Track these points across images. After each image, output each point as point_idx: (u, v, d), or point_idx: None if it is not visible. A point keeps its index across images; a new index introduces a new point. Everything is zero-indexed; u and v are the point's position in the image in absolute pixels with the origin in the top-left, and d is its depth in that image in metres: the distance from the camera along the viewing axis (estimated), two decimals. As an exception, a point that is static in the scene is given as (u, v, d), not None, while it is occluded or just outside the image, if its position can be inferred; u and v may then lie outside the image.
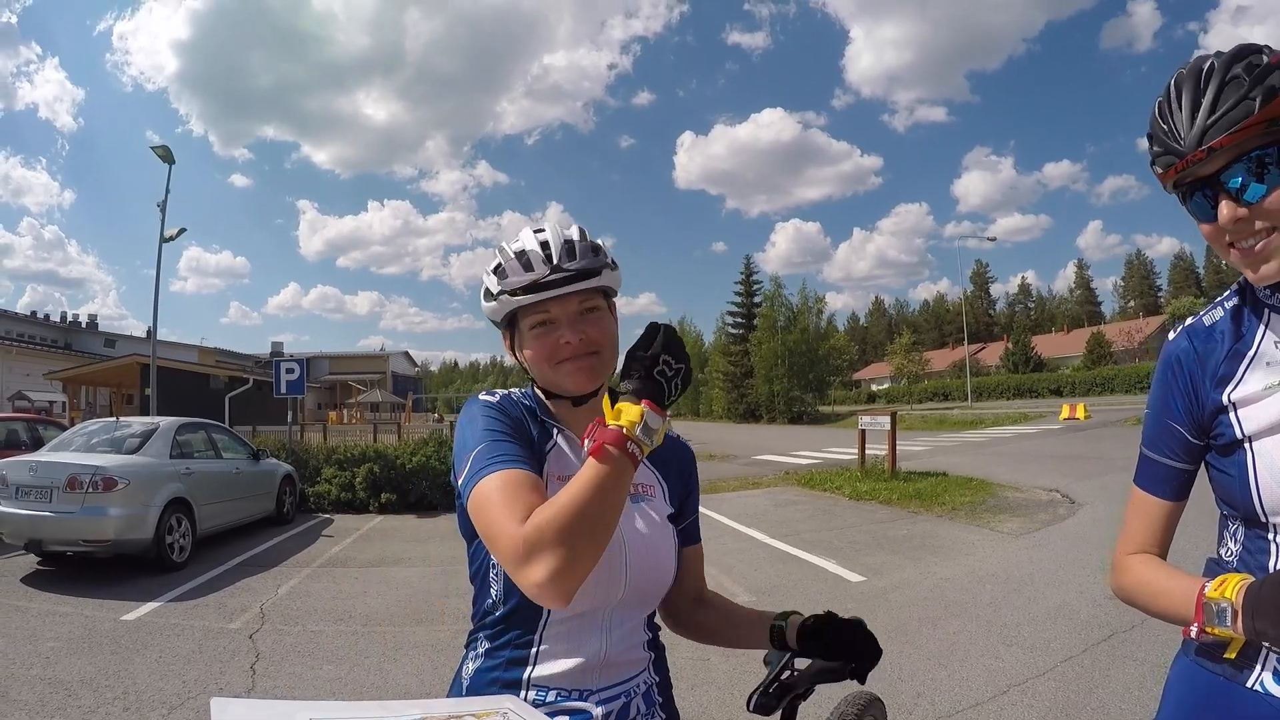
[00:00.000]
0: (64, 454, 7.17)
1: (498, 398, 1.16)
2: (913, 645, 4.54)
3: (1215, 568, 1.09)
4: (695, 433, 29.51)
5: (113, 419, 8.63)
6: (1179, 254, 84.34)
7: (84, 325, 49.81)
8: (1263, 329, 1.04)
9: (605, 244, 1.19)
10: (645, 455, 0.99)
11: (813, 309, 51.18)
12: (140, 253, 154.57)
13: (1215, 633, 0.96)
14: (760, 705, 1.27)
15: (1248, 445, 1.00)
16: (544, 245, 1.12)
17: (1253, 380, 1.01)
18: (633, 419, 0.97)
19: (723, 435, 30.27)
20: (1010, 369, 63.36)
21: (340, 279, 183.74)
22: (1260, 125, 0.92)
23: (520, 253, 1.13)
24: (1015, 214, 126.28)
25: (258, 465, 9.47)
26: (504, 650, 1.13)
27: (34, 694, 3.90)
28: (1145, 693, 3.54)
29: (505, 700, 1.02)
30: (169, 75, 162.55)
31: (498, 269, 1.15)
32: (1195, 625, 0.98)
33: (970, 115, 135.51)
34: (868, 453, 13.11)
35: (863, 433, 13.29)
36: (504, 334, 1.21)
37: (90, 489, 6.52)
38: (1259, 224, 0.95)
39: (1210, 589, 0.97)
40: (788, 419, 45.83)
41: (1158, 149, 1.01)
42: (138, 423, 8.17)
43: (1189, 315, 1.17)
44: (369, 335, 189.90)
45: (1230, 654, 0.98)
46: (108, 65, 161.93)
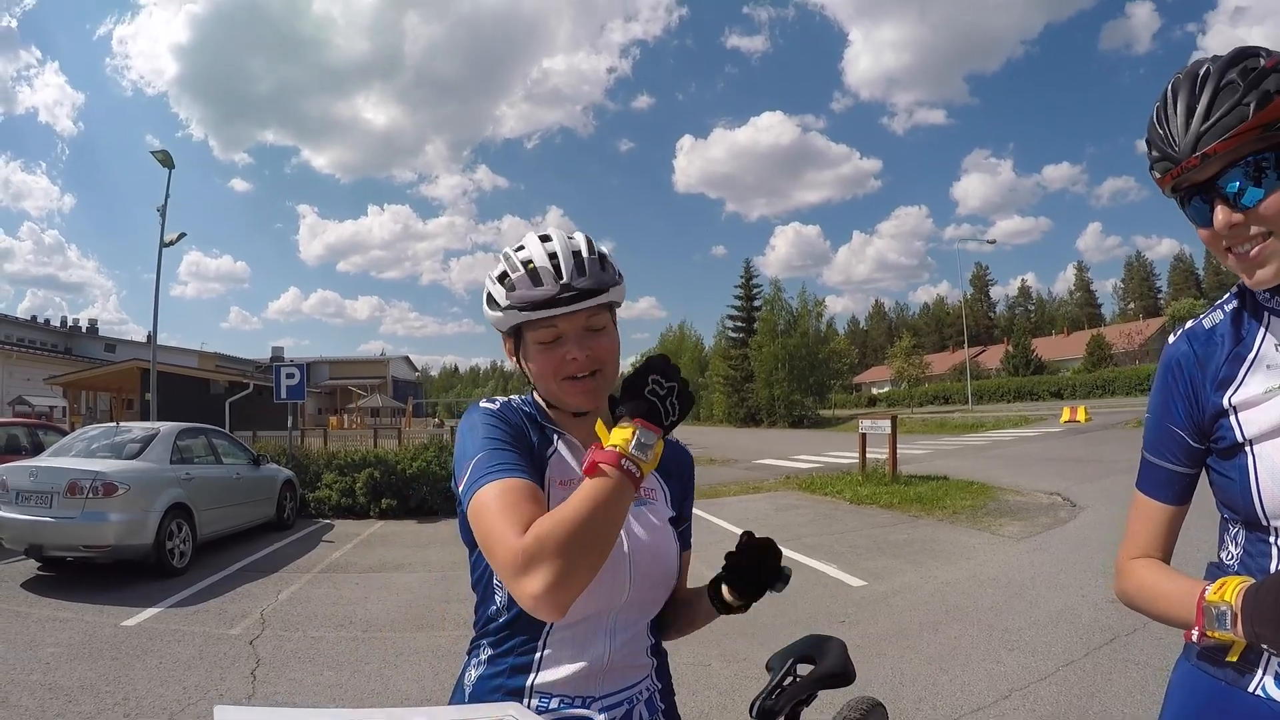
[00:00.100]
0: (64, 459, 7.15)
1: (498, 405, 1.16)
2: (914, 650, 4.53)
3: (1216, 571, 1.09)
4: (696, 437, 29.52)
5: (113, 424, 8.63)
6: (1179, 256, 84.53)
7: (84, 330, 49.87)
8: (1263, 332, 1.04)
9: (606, 248, 1.18)
10: (645, 471, 1.00)
11: (812, 312, 51.23)
12: (140, 257, 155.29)
13: (1215, 636, 0.95)
14: (763, 711, 1.26)
15: (1248, 448, 1.00)
16: (552, 257, 1.11)
17: (1253, 383, 1.01)
18: (625, 437, 0.99)
19: (723, 439, 30.27)
20: (1010, 372, 63.33)
21: (340, 283, 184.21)
22: (1255, 131, 0.92)
23: (528, 264, 1.11)
24: (1015, 216, 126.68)
25: (258, 470, 9.46)
26: (507, 657, 1.13)
27: (34, 700, 3.90)
28: (1147, 697, 3.53)
29: (509, 708, 1.02)
30: (169, 79, 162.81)
31: (503, 278, 1.13)
32: (1196, 629, 0.98)
33: (969, 118, 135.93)
34: (868, 456, 13.10)
35: (863, 436, 13.28)
36: (505, 339, 1.20)
37: (90, 494, 6.52)
38: (1254, 229, 0.96)
39: (1210, 592, 0.97)
40: (788, 423, 45.79)
41: (1155, 155, 1.01)
42: (138, 428, 8.18)
43: (1189, 317, 1.17)
44: (369, 340, 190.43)
45: (1232, 657, 0.98)
46: (108, 69, 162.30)
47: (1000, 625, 4.92)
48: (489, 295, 1.16)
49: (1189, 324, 1.14)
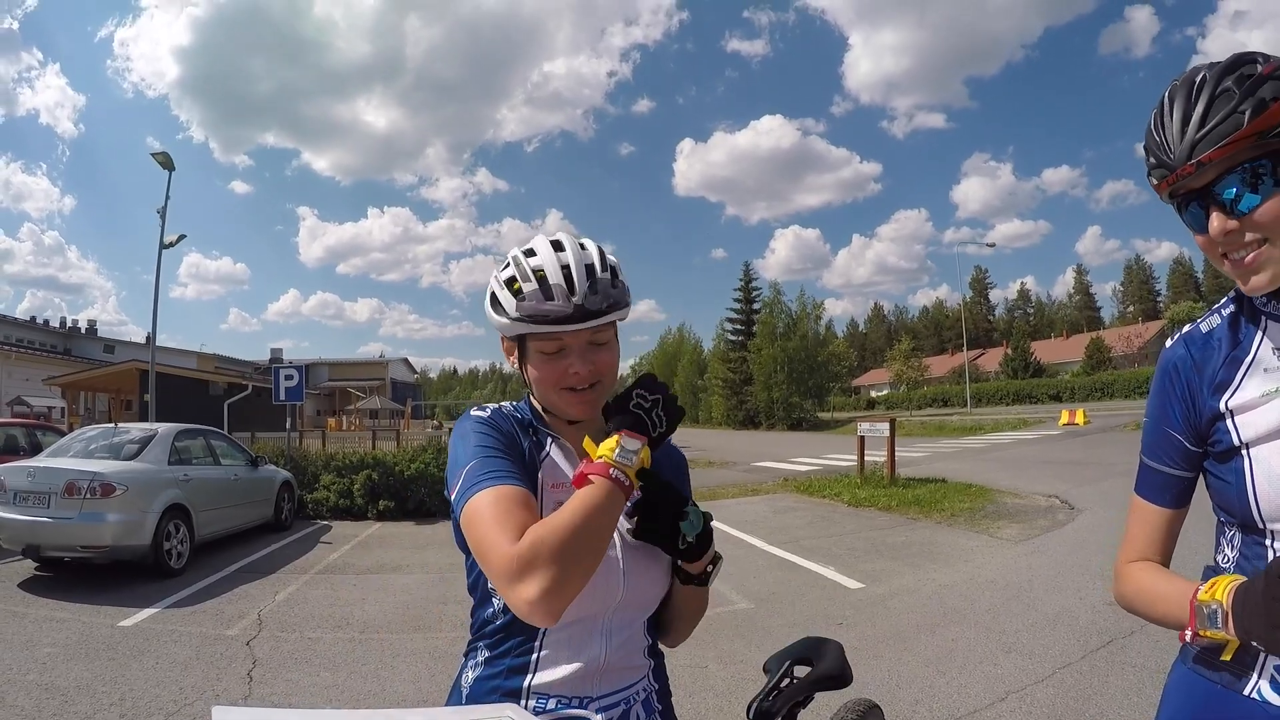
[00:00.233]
0: (62, 460, 7.15)
1: (489, 412, 1.17)
2: (911, 652, 4.53)
3: (1212, 574, 1.08)
4: (694, 439, 29.55)
5: (111, 425, 8.63)
6: (1178, 259, 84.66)
7: (83, 331, 49.76)
8: (1260, 336, 1.04)
9: (608, 253, 1.17)
10: (634, 478, 1.02)
11: (811, 315, 51.26)
12: (140, 259, 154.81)
13: (1208, 635, 0.96)
14: (760, 713, 1.27)
15: (1245, 452, 1.00)
16: (565, 269, 1.09)
17: (1250, 387, 1.02)
18: (611, 448, 1.03)
19: (722, 442, 30.26)
20: (1009, 375, 63.35)
21: (340, 285, 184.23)
22: (1250, 138, 0.92)
23: (539, 273, 1.09)
24: (1014, 220, 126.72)
25: (256, 472, 9.46)
26: (504, 659, 1.13)
27: (30, 700, 3.89)
28: (1144, 699, 3.54)
29: (506, 709, 1.02)
30: (170, 81, 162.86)
31: (512, 283, 1.11)
32: (1189, 629, 0.98)
33: (969, 121, 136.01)
34: (867, 459, 13.10)
35: (862, 439, 13.28)
36: (506, 341, 1.19)
37: (88, 495, 6.51)
38: (1249, 235, 0.96)
39: (1202, 591, 0.97)
40: (787, 425, 45.80)
41: (1152, 161, 1.02)
42: (136, 429, 8.16)
43: (1188, 320, 1.17)
44: (368, 342, 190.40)
45: (1226, 656, 0.98)
46: (109, 71, 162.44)
47: (998, 628, 4.92)
48: (494, 297, 1.14)
49: (1186, 328, 1.14)
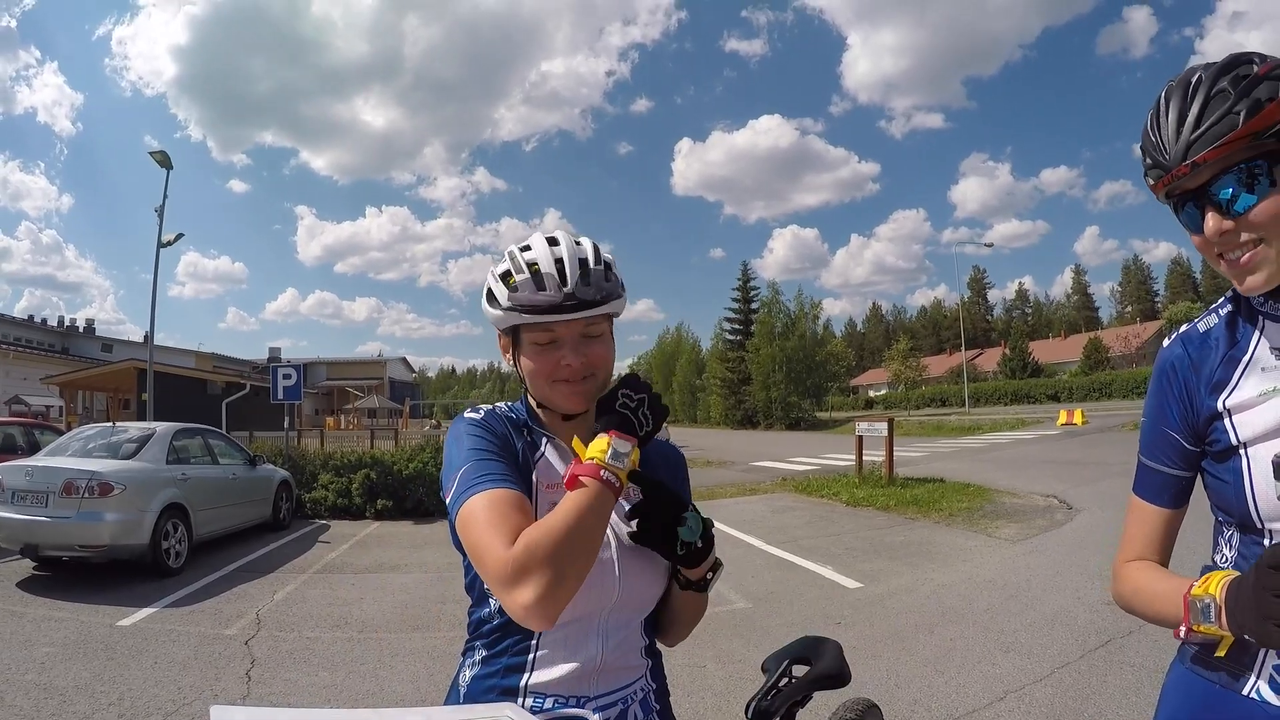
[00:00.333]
0: (60, 459, 7.14)
1: (482, 414, 1.17)
2: (909, 651, 4.53)
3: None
4: (693, 439, 29.54)
5: (109, 424, 8.62)
6: (1176, 259, 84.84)
7: (81, 330, 49.78)
8: (1257, 335, 1.04)
9: (603, 250, 1.18)
10: (624, 479, 1.04)
11: (809, 314, 51.28)
12: (138, 258, 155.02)
13: (1202, 630, 0.96)
14: (759, 712, 1.27)
15: (1243, 451, 1.00)
16: (558, 263, 1.11)
17: (1248, 386, 1.02)
18: (600, 449, 1.04)
19: (720, 442, 30.28)
20: (1008, 375, 63.41)
21: (338, 285, 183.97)
22: (1245, 139, 0.92)
23: (532, 266, 1.11)
24: (1012, 220, 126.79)
25: (254, 471, 9.45)
26: (501, 658, 1.13)
27: (29, 700, 3.88)
28: (1142, 699, 3.54)
29: (504, 708, 1.02)
30: (168, 80, 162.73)
31: (506, 277, 1.13)
32: (1183, 625, 0.98)
33: (967, 121, 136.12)
34: (865, 459, 13.10)
35: (860, 439, 13.27)
36: (501, 337, 1.20)
37: (86, 494, 6.50)
38: (1245, 236, 0.96)
39: (1196, 587, 0.97)
40: (785, 425, 45.79)
41: (1148, 162, 1.02)
42: (134, 428, 8.16)
43: (1185, 320, 1.17)
44: (367, 341, 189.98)
45: (1220, 652, 0.97)
46: (107, 70, 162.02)
47: (996, 627, 4.93)
48: (490, 291, 1.16)
49: (1184, 328, 1.14)
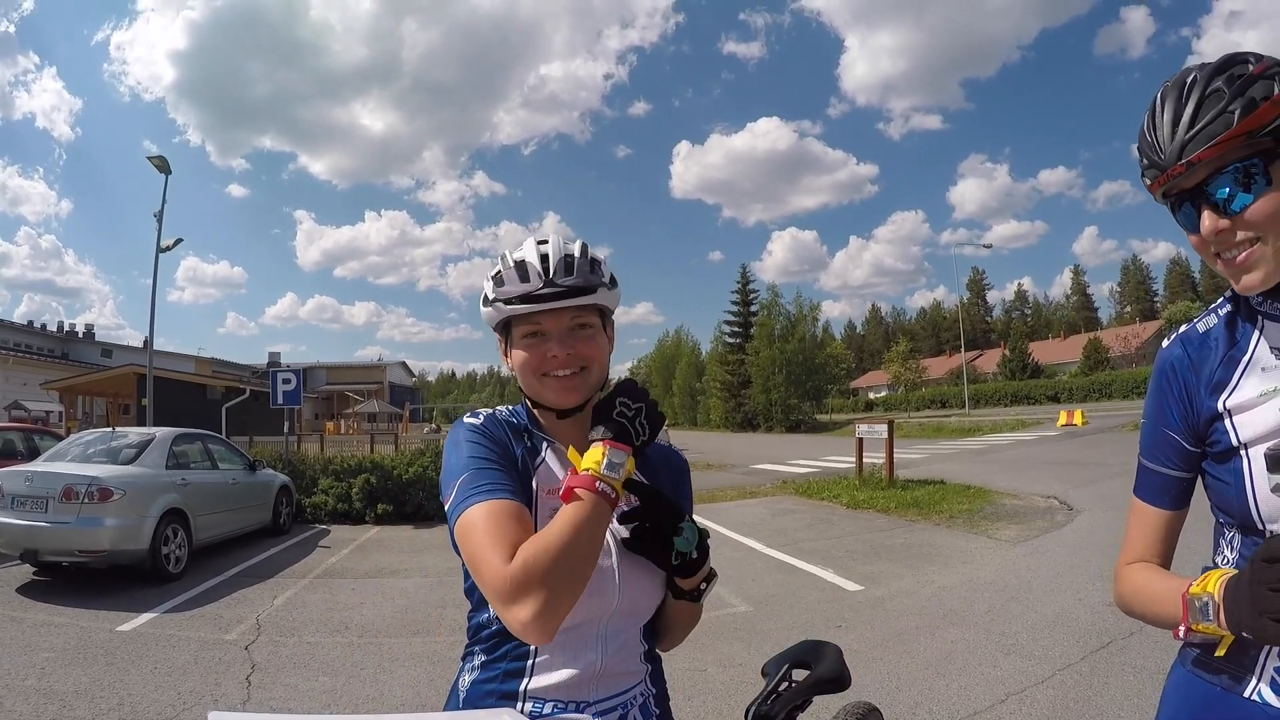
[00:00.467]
0: (60, 464, 7.14)
1: (481, 419, 1.17)
2: (910, 654, 4.53)
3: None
4: (693, 442, 29.53)
5: (109, 429, 8.60)
6: (1175, 259, 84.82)
7: (81, 335, 49.75)
8: (1257, 335, 1.04)
9: (602, 255, 1.19)
10: (620, 490, 1.04)
11: (808, 316, 51.28)
12: (137, 263, 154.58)
13: (1201, 629, 0.95)
14: (759, 716, 1.26)
15: (1244, 452, 1.00)
16: (543, 258, 1.13)
17: (1248, 386, 1.02)
18: (596, 459, 1.04)
19: (720, 444, 30.27)
20: (1007, 376, 63.37)
21: (337, 289, 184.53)
22: (1239, 138, 0.92)
23: (520, 263, 1.14)
24: (1011, 221, 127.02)
25: (254, 476, 9.44)
26: (500, 662, 1.13)
27: (29, 705, 3.88)
28: (1144, 700, 3.53)
29: (503, 713, 1.02)
30: (166, 85, 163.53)
31: (496, 276, 1.16)
32: (1182, 625, 0.97)
33: (965, 123, 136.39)
34: (865, 461, 13.11)
35: (860, 441, 13.28)
36: (499, 340, 1.22)
37: (86, 499, 6.49)
38: (1241, 235, 0.96)
39: (1194, 585, 0.97)
40: (785, 428, 45.79)
41: (1144, 162, 1.02)
42: (134, 433, 8.14)
43: (1185, 321, 1.17)
44: (366, 345, 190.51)
45: (1220, 652, 0.97)
46: (105, 75, 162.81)
47: (997, 629, 4.92)
48: (484, 295, 1.18)
49: (1183, 328, 1.14)
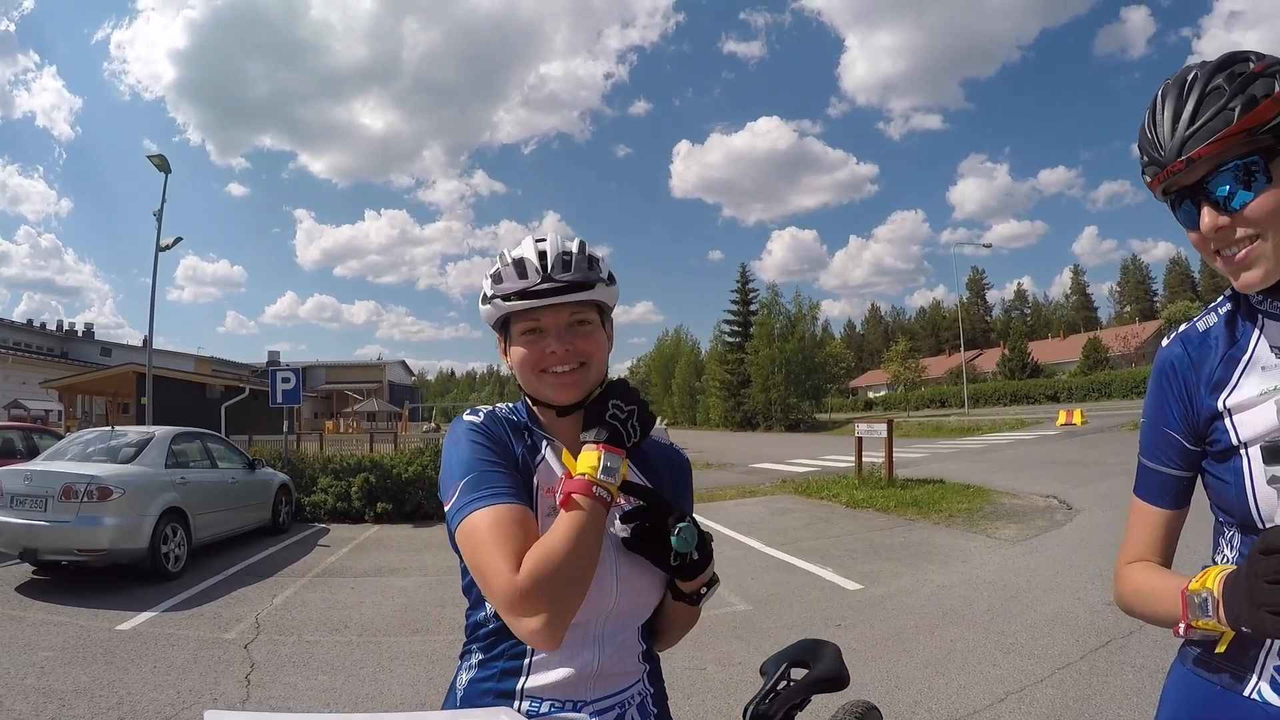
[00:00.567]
0: (59, 463, 7.13)
1: (481, 417, 1.17)
2: (909, 653, 4.53)
3: (1209, 574, 1.08)
4: (692, 441, 29.54)
5: (108, 428, 8.60)
6: (1175, 259, 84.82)
7: (80, 334, 49.72)
8: (1257, 334, 1.04)
9: (601, 254, 1.19)
10: (615, 494, 1.06)
11: (808, 316, 51.29)
12: (137, 261, 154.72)
13: (1200, 625, 0.95)
14: (757, 716, 1.26)
15: (1244, 451, 0.99)
16: (541, 255, 1.13)
17: (1248, 385, 1.01)
18: (591, 464, 1.06)
19: (719, 443, 30.29)
20: (1007, 375, 63.42)
21: (337, 288, 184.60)
22: (1239, 135, 0.92)
23: (518, 260, 1.14)
24: (1011, 220, 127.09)
25: (253, 475, 9.44)
26: (498, 661, 1.13)
27: (28, 704, 3.88)
28: (1143, 699, 3.53)
29: (500, 712, 1.02)
30: (166, 84, 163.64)
31: (495, 273, 1.16)
32: (1182, 622, 0.97)
33: (965, 122, 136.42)
34: (865, 460, 13.11)
35: (859, 440, 13.28)
36: (499, 338, 1.22)
37: (85, 498, 6.49)
38: (1241, 232, 0.96)
39: (1193, 582, 0.97)
40: (785, 427, 45.81)
41: (1144, 159, 1.02)
42: (133, 432, 8.14)
43: (1184, 320, 1.17)
44: (366, 344, 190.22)
45: (1220, 648, 0.97)
46: (105, 74, 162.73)
47: (996, 628, 4.92)
48: (483, 293, 1.18)
49: (1182, 327, 1.13)
